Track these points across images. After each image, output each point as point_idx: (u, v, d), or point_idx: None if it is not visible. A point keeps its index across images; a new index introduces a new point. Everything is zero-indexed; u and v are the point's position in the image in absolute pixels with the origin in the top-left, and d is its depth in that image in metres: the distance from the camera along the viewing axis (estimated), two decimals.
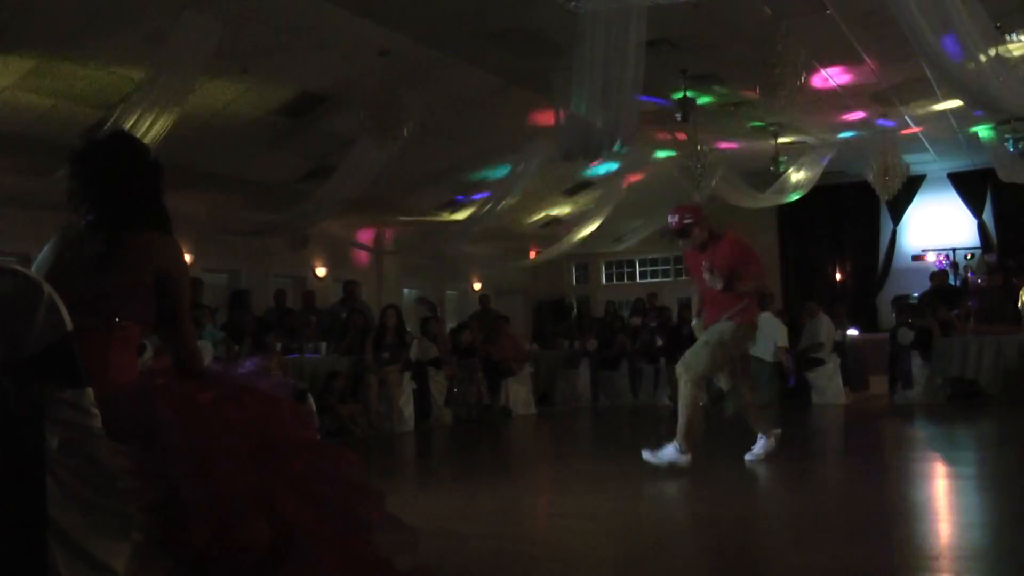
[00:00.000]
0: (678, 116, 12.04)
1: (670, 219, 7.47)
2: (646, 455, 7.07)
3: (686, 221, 7.36)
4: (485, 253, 19.23)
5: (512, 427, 12.30)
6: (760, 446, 7.40)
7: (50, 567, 2.38)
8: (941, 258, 18.43)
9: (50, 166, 8.63)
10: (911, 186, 17.35)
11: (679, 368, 7.25)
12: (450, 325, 15.47)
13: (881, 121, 13.70)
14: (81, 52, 8.99)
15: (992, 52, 7.91)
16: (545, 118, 12.13)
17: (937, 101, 12.79)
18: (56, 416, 2.44)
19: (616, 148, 9.91)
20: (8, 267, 2.51)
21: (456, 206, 16.04)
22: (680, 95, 11.83)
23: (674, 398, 13.39)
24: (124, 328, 2.95)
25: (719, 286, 7.10)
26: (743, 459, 7.34)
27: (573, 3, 7.96)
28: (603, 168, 15.16)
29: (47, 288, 2.46)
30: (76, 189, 3.09)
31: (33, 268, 3.00)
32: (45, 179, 9.47)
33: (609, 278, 22.62)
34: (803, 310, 14.48)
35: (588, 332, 16.27)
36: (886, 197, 15.54)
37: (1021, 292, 13.83)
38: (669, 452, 6.97)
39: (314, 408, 9.67)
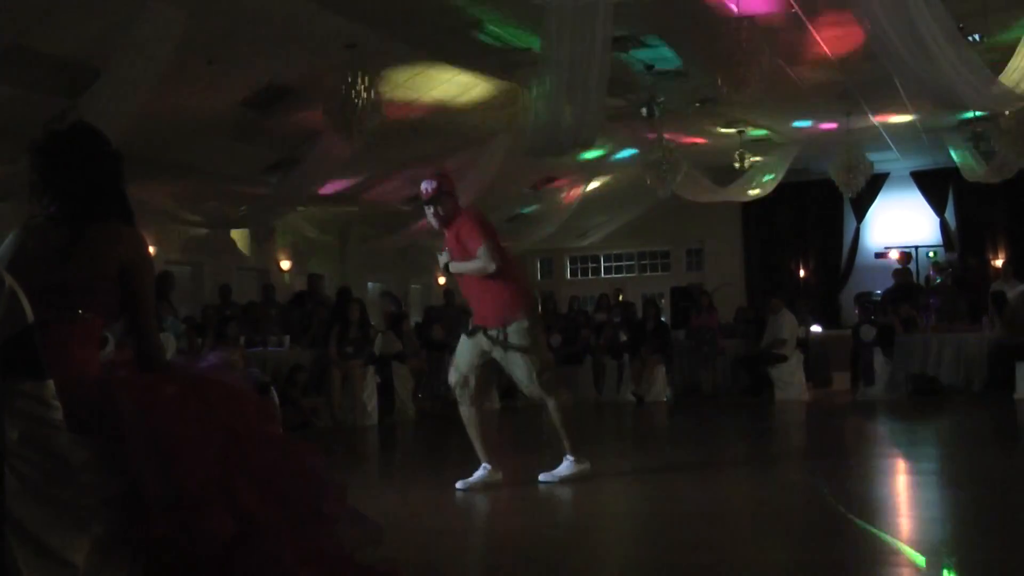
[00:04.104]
0: (644, 112, 12.08)
1: (424, 186, 6.48)
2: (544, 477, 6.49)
3: (439, 188, 6.39)
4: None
5: None
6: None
7: (8, 562, 2.35)
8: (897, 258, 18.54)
9: (11, 156, 8.52)
10: (874, 184, 17.51)
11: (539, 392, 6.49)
12: (415, 319, 15.42)
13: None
14: (44, 41, 8.87)
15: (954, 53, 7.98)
16: (511, 113, 12.13)
17: (901, 100, 12.89)
18: (16, 408, 2.41)
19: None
20: None
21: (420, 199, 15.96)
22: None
23: (637, 393, 13.53)
24: (87, 320, 2.92)
25: (492, 268, 6.12)
26: (699, 455, 7.35)
27: None
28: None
29: (8, 279, 2.43)
30: (37, 180, 3.06)
31: None
32: (7, 169, 9.35)
33: (574, 273, 22.66)
34: (766, 306, 14.56)
35: (552, 327, 16.25)
36: (850, 195, 15.69)
37: None
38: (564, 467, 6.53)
39: (278, 401, 9.61)
